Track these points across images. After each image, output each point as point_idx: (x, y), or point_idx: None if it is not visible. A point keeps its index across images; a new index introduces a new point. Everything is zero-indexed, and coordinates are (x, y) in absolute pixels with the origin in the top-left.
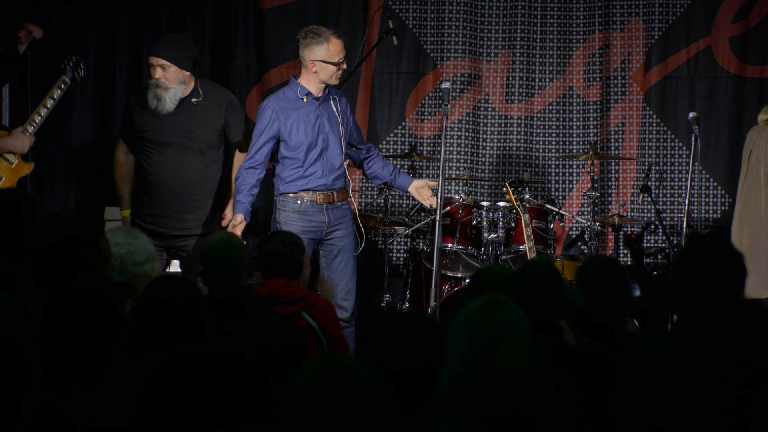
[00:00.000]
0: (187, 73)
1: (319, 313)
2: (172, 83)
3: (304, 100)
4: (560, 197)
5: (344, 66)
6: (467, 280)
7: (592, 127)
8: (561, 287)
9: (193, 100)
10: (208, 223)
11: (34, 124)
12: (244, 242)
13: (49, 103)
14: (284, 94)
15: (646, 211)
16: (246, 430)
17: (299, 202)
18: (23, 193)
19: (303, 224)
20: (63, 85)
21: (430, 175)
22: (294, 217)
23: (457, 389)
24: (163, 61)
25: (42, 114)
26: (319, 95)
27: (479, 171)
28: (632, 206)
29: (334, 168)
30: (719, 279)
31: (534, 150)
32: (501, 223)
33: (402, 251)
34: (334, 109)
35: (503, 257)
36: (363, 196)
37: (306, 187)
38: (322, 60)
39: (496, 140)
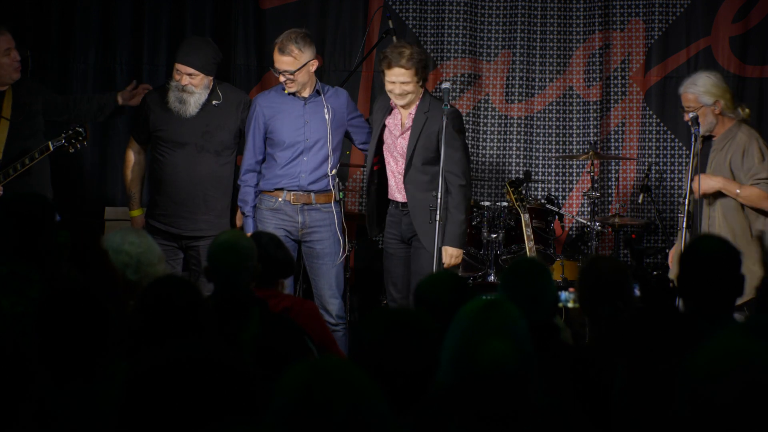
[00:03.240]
0: (211, 77)
1: (306, 318)
2: (198, 88)
3: (287, 92)
4: (560, 197)
5: (282, 79)
6: (468, 281)
7: (592, 127)
8: (548, 282)
9: (214, 102)
10: (221, 225)
11: (7, 177)
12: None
13: (27, 161)
14: (270, 91)
15: (646, 211)
16: (233, 427)
17: (273, 200)
18: (40, 196)
19: (276, 222)
20: (45, 149)
21: None
22: (268, 215)
23: (443, 389)
24: (191, 70)
25: (17, 169)
26: (305, 94)
27: (479, 171)
28: (632, 206)
29: (314, 169)
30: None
31: (534, 150)
32: (501, 223)
33: None
34: (325, 109)
35: (503, 257)
36: (363, 196)
37: (280, 185)
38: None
39: (496, 140)
